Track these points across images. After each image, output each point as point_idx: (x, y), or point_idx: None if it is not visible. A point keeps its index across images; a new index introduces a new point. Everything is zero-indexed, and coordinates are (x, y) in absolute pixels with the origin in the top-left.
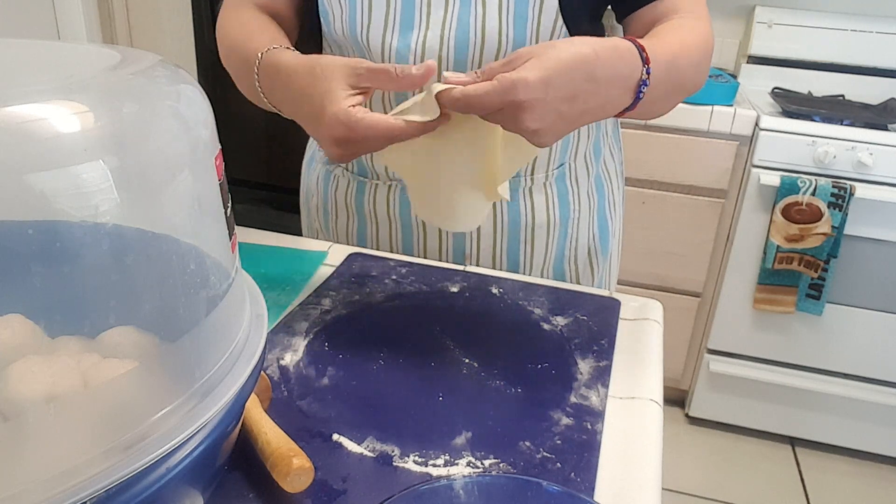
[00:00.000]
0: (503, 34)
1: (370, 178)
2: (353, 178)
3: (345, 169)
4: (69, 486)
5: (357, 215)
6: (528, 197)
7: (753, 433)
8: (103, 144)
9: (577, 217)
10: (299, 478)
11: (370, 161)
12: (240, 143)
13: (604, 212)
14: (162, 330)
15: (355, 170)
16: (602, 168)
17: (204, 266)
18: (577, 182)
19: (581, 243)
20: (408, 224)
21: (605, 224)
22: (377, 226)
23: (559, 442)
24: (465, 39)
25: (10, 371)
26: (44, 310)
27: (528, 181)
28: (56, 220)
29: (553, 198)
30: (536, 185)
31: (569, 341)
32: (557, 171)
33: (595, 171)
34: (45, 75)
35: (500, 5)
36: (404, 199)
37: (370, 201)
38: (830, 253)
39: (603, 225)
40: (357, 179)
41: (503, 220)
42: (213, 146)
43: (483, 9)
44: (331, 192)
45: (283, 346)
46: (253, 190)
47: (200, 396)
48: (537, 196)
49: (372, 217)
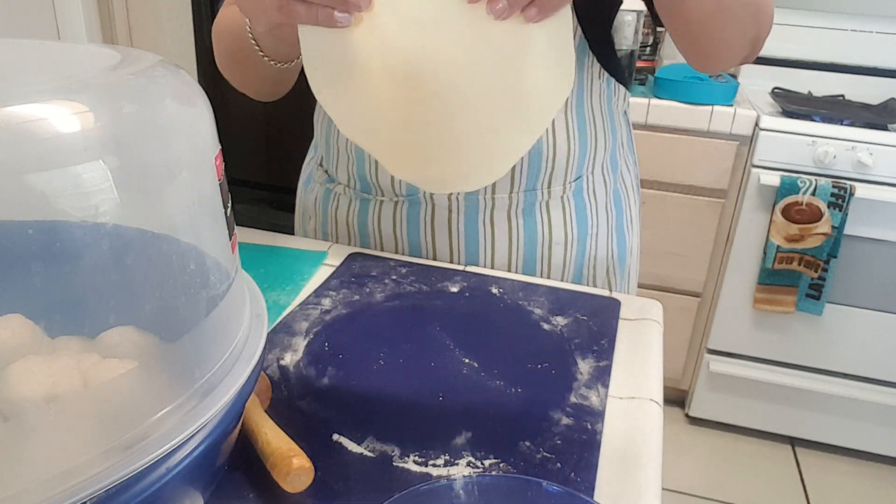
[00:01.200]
0: None
1: (374, 194)
2: (355, 197)
3: (346, 186)
4: (69, 486)
5: (359, 236)
6: (546, 212)
7: (753, 433)
8: (103, 144)
9: (596, 233)
10: (299, 478)
11: (373, 175)
12: (240, 143)
13: (622, 227)
14: (162, 330)
15: (358, 187)
16: (620, 182)
17: (204, 266)
18: (594, 196)
19: (599, 260)
20: (416, 243)
21: (623, 240)
22: (382, 247)
23: (559, 442)
24: None
25: (10, 371)
26: (44, 310)
27: (545, 194)
28: (56, 220)
29: (571, 213)
30: (554, 199)
31: (569, 341)
32: (575, 185)
33: (613, 185)
34: (45, 75)
35: None
36: (412, 215)
37: (374, 220)
38: (830, 253)
39: (621, 241)
40: (360, 197)
41: (518, 237)
42: (213, 146)
43: None
44: (331, 212)
45: (283, 346)
46: (253, 190)
47: (200, 396)
48: (554, 211)
49: (376, 237)
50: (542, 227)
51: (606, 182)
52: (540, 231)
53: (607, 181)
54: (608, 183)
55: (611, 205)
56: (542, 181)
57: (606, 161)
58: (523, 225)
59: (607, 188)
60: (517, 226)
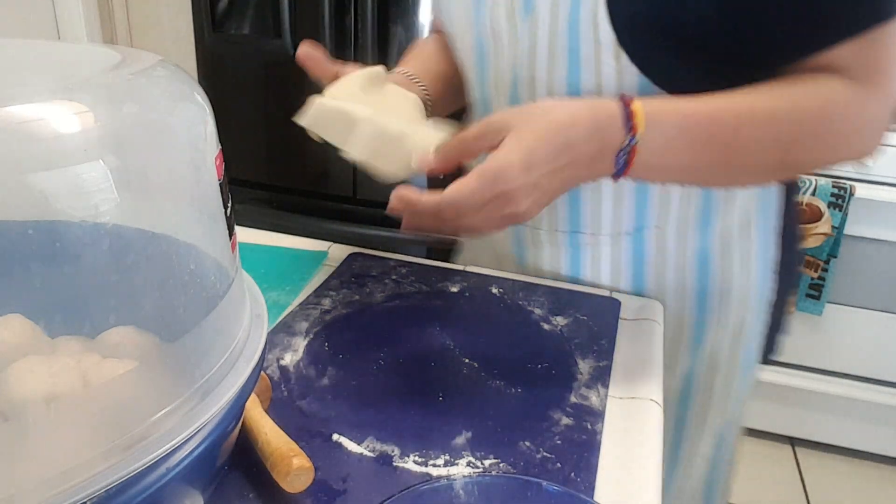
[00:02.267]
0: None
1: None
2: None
3: None
4: (69, 486)
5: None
6: (589, 260)
7: (753, 433)
8: (103, 144)
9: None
10: (299, 478)
11: None
12: (240, 143)
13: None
14: (162, 330)
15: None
16: (714, 240)
17: (204, 266)
18: (663, 256)
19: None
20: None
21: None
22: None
23: (559, 442)
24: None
25: (10, 371)
26: (44, 310)
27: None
28: (56, 220)
29: (618, 264)
30: (593, 247)
31: (569, 341)
32: (631, 237)
33: (698, 244)
34: (45, 75)
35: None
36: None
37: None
38: (830, 253)
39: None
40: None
41: None
42: (214, 146)
43: None
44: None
45: (283, 346)
46: (253, 190)
47: (200, 396)
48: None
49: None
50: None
51: (686, 238)
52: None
53: (688, 238)
54: (690, 240)
55: (689, 264)
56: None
57: (691, 214)
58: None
59: (686, 247)
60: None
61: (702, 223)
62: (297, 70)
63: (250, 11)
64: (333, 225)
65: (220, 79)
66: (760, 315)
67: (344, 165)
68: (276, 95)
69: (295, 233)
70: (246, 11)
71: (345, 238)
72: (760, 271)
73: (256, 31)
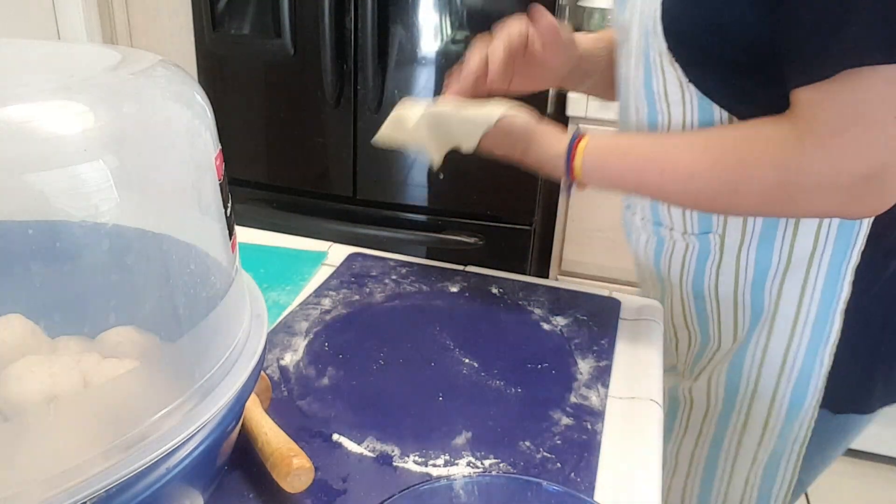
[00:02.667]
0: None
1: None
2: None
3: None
4: (69, 486)
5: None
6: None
7: None
8: (103, 144)
9: None
10: (299, 478)
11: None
12: (240, 143)
13: None
14: (162, 330)
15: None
16: (773, 257)
17: (204, 266)
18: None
19: None
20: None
21: None
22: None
23: (559, 442)
24: None
25: (10, 371)
26: (44, 310)
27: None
28: (56, 220)
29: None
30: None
31: (569, 341)
32: (697, 238)
33: (756, 256)
34: (45, 75)
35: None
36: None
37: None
38: None
39: None
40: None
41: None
42: (213, 146)
43: None
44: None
45: (283, 346)
46: (253, 190)
47: (200, 396)
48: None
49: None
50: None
51: (739, 258)
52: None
53: (742, 259)
54: (743, 263)
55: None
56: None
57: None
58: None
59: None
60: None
61: (763, 238)
62: (297, 70)
63: (250, 11)
64: (333, 225)
65: (220, 79)
66: (816, 352)
67: (344, 165)
68: (276, 95)
69: (295, 233)
70: (246, 11)
71: (345, 238)
72: (821, 305)
73: (256, 31)
